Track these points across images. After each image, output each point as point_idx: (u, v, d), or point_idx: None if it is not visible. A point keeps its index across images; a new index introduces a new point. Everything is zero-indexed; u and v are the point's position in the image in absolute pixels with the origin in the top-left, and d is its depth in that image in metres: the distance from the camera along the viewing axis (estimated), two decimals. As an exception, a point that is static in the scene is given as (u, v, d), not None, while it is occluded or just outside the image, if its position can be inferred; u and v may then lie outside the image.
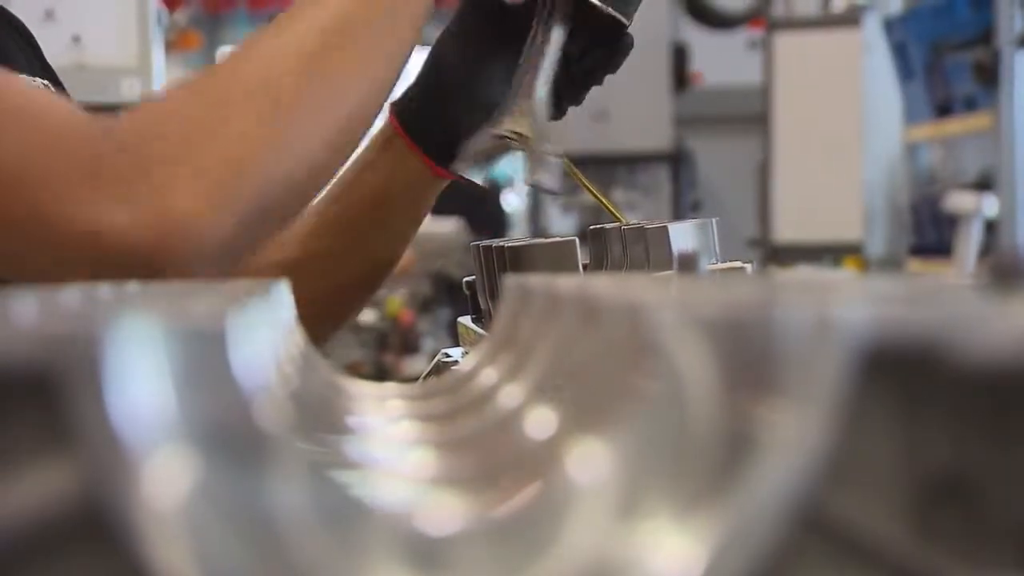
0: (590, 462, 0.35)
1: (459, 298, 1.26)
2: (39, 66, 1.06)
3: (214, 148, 0.83)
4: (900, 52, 4.82)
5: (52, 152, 0.80)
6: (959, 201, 4.05)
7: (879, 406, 0.26)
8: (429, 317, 5.37)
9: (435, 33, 1.11)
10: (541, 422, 0.42)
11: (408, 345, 5.15)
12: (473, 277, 1.11)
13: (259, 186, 0.84)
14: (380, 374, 4.95)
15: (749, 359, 0.29)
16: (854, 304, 0.30)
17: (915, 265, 4.84)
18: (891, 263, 5.14)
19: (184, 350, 0.30)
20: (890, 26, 4.94)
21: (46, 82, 1.02)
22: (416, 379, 1.12)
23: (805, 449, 0.27)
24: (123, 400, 0.26)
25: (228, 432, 0.32)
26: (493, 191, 6.39)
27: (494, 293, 0.98)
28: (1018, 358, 0.24)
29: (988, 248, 3.97)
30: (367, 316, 5.08)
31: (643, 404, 0.34)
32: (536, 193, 7.32)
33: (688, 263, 0.59)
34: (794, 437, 0.27)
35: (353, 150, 0.96)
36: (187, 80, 0.89)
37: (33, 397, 0.25)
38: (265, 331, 0.44)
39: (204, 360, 0.32)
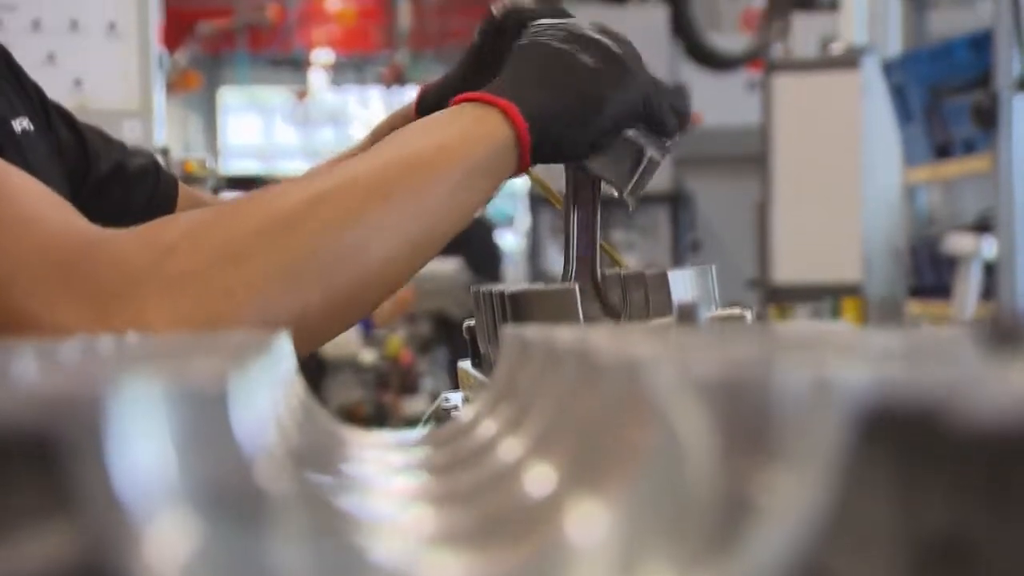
0: (589, 521, 0.35)
1: (458, 338, 1.26)
2: (20, 102, 1.04)
3: (203, 296, 0.80)
4: (899, 94, 4.84)
5: (33, 256, 0.79)
6: (958, 243, 4.05)
7: (877, 469, 0.26)
8: (428, 357, 5.37)
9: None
10: (540, 478, 0.42)
11: (407, 385, 5.15)
12: (473, 321, 1.11)
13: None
14: (379, 413, 4.95)
15: (747, 421, 0.29)
16: (852, 366, 0.30)
17: (914, 306, 4.84)
18: (890, 304, 5.14)
19: (185, 412, 0.30)
20: (889, 68, 4.96)
21: (27, 120, 1.00)
22: (416, 420, 1.12)
23: (803, 511, 0.27)
24: (124, 463, 0.26)
25: (229, 494, 0.32)
26: (488, 229, 6.39)
27: (494, 339, 0.98)
28: (1017, 422, 0.24)
29: (987, 290, 3.97)
30: (367, 356, 5.08)
31: (642, 463, 0.34)
32: (535, 233, 7.33)
33: (688, 314, 0.59)
34: (792, 499, 0.27)
35: (360, 317, 0.90)
36: (204, 214, 0.85)
37: (34, 460, 0.25)
38: (266, 389, 0.44)
39: (205, 422, 0.32)
